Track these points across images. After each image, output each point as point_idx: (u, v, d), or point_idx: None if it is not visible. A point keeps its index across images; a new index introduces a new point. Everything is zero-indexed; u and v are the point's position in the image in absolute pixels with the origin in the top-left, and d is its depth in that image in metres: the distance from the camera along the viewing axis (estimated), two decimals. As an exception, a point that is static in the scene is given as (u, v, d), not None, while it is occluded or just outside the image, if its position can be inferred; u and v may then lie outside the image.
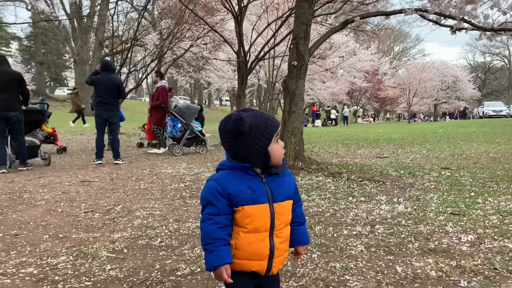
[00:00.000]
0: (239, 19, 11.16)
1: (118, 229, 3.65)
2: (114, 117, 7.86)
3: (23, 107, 6.94)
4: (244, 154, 1.57)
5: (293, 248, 1.78)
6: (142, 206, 4.50)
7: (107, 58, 17.35)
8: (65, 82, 55.16)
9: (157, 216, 4.07)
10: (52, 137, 8.86)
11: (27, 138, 7.06)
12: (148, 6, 17.19)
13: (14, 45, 50.47)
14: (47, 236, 3.47)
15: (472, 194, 4.95)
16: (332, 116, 36.71)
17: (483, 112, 36.71)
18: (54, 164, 7.70)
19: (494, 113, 34.51)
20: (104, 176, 6.45)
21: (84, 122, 18.87)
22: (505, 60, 65.27)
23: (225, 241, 1.54)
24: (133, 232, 3.53)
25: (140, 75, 20.80)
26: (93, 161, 7.82)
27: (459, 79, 47.36)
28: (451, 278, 2.54)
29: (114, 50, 16.64)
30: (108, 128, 7.89)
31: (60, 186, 5.64)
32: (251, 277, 1.62)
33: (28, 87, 7.04)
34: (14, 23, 30.82)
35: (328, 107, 38.89)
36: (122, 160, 7.97)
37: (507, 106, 40.25)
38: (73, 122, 19.03)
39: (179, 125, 9.63)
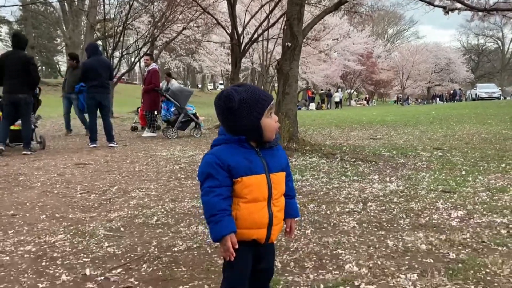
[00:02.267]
0: (232, 0, 11.06)
1: (114, 209, 3.69)
2: (106, 100, 7.87)
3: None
4: (237, 127, 1.63)
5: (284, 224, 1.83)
6: (137, 187, 4.54)
7: (98, 41, 17.14)
8: (57, 66, 54.53)
9: (153, 197, 4.12)
10: None
11: (19, 122, 7.02)
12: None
13: (4, 29, 49.62)
14: (44, 216, 3.51)
15: (463, 172, 5.03)
16: (336, 99, 36.64)
17: (476, 94, 36.86)
18: (49, 148, 7.69)
19: (487, 95, 34.66)
20: (98, 159, 6.47)
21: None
22: (498, 42, 65.28)
23: (229, 212, 1.60)
24: (129, 212, 3.58)
25: (132, 59, 20.67)
26: (88, 145, 7.83)
27: (452, 61, 47.41)
28: (440, 251, 2.62)
29: (106, 34, 16.48)
30: (100, 111, 7.85)
31: (55, 168, 5.65)
32: (250, 246, 1.68)
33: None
34: (3, 6, 30.24)
35: (322, 90, 38.87)
36: (117, 143, 7.98)
37: (500, 88, 40.44)
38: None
39: (173, 108, 9.61)
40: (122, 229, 3.14)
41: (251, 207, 1.63)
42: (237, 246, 1.58)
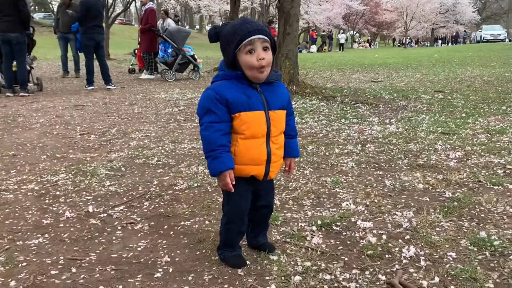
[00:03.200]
0: None
1: (115, 150, 3.71)
2: (103, 41, 7.72)
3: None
4: (225, 61, 1.63)
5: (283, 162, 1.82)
6: (137, 128, 4.54)
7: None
8: (50, 6, 52.73)
9: (153, 138, 4.13)
10: None
11: (14, 63, 6.90)
12: None
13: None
14: (44, 156, 3.53)
15: (463, 115, 5.02)
16: (342, 41, 35.82)
17: (481, 36, 35.97)
18: (46, 90, 7.61)
19: (492, 38, 33.82)
20: (97, 100, 6.43)
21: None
22: (508, -19, 62.73)
23: (228, 148, 1.60)
24: (129, 152, 3.60)
25: (127, -2, 19.95)
26: (85, 87, 7.74)
27: (458, 1, 45.74)
28: (437, 190, 2.66)
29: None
30: (96, 53, 7.68)
31: (53, 110, 5.63)
32: (249, 182, 1.69)
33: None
34: None
35: (324, 32, 37.90)
36: (114, 85, 7.89)
37: (506, 30, 39.42)
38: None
39: (170, 50, 9.40)
40: (123, 169, 3.18)
41: (249, 143, 1.62)
42: (234, 183, 1.60)
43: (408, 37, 45.81)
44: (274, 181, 2.32)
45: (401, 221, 2.20)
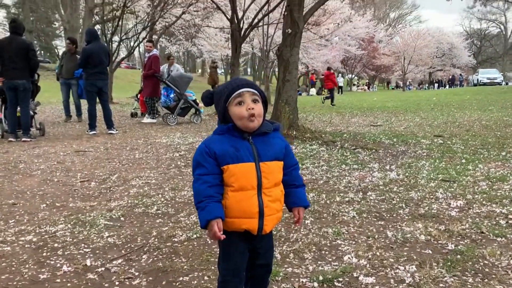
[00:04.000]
0: (232, -15, 10.91)
1: (114, 198, 3.70)
2: (106, 86, 7.91)
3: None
4: (218, 116, 1.71)
5: (291, 213, 1.80)
6: (137, 175, 4.54)
7: (96, 26, 16.98)
8: (56, 51, 54.12)
9: (153, 185, 4.12)
10: None
11: (18, 108, 7.01)
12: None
13: (1, 13, 49.14)
14: (44, 205, 3.52)
15: (463, 161, 5.03)
16: (340, 84, 36.43)
17: (477, 79, 36.64)
18: (48, 135, 7.68)
19: (489, 81, 34.44)
20: (98, 146, 6.47)
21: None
22: (501, 26, 64.63)
23: (216, 198, 1.60)
24: (129, 201, 3.59)
25: (132, 44, 20.50)
26: (87, 131, 7.81)
27: (454, 46, 46.96)
28: (439, 241, 2.63)
29: (105, 18, 16.31)
30: (99, 98, 7.82)
31: (55, 156, 5.65)
32: (244, 238, 1.67)
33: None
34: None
35: (322, 75, 38.62)
36: (116, 130, 7.96)
37: (502, 73, 40.19)
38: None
39: (173, 95, 9.57)
40: (122, 218, 3.15)
41: (239, 195, 1.62)
42: (222, 232, 1.57)
43: (409, 81, 46.65)
44: (274, 232, 2.30)
45: (404, 276, 2.16)
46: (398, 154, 5.59)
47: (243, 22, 11.99)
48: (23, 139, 6.85)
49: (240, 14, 11.83)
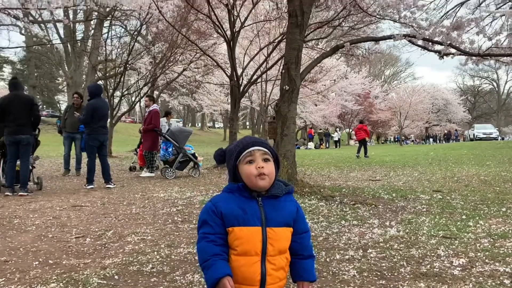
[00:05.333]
0: (231, 44, 11.34)
1: (109, 255, 3.61)
2: (106, 140, 7.98)
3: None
4: (228, 174, 1.68)
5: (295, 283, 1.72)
6: (133, 231, 4.47)
7: (99, 81, 17.41)
8: (58, 105, 55.10)
9: (149, 242, 4.04)
10: None
11: (18, 162, 7.03)
12: (141, 31, 17.38)
13: (7, 69, 50.54)
14: (37, 262, 3.43)
15: (464, 217, 4.98)
16: (335, 138, 36.83)
17: (473, 134, 37.16)
18: (46, 189, 7.63)
19: (485, 136, 34.94)
20: (95, 200, 6.41)
21: None
22: (494, 83, 66.50)
23: (222, 256, 1.55)
24: (124, 258, 3.50)
25: (133, 99, 20.92)
26: (85, 186, 7.77)
27: (449, 102, 48.09)
28: (443, 302, 2.54)
29: (107, 74, 16.77)
30: (98, 151, 7.85)
31: (51, 211, 5.58)
32: None
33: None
34: (8, 47, 30.96)
35: (321, 129, 39.14)
36: (114, 184, 7.93)
37: (497, 128, 40.80)
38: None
39: (171, 148, 9.64)
40: (116, 277, 3.06)
41: (241, 260, 1.56)
42: None
43: (410, 136, 47.06)
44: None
45: None
46: (398, 210, 5.54)
47: (242, 79, 12.33)
48: (20, 193, 6.80)
49: (239, 71, 12.20)
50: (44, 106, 54.21)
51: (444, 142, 45.73)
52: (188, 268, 3.24)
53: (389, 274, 3.07)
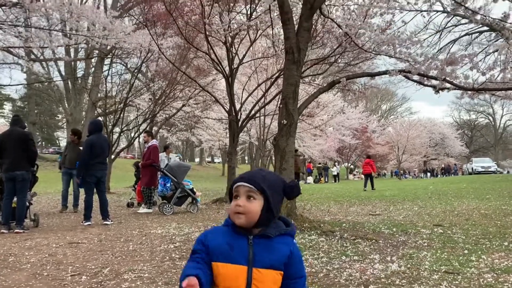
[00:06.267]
0: (230, 80, 11.53)
1: (105, 293, 3.53)
2: (105, 176, 7.92)
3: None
4: None
5: None
6: (130, 268, 4.38)
7: (99, 118, 17.54)
8: (57, 142, 55.28)
9: (146, 279, 3.96)
10: None
11: (14, 199, 6.97)
12: (141, 68, 17.68)
13: (8, 106, 51.01)
14: (30, 302, 3.34)
15: (466, 251, 4.91)
16: (334, 173, 36.74)
17: (472, 168, 37.20)
18: (42, 226, 7.54)
19: (483, 169, 34.97)
20: (92, 237, 6.32)
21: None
22: (490, 117, 67.15)
23: (201, 268, 1.50)
24: (120, 296, 3.42)
25: (132, 134, 21.01)
26: (82, 222, 7.68)
27: (446, 136, 48.43)
28: None
29: (107, 110, 16.92)
30: (97, 187, 7.80)
31: (47, 248, 5.49)
32: None
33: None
34: (9, 85, 31.39)
35: (319, 164, 39.16)
36: (112, 221, 7.84)
37: (495, 162, 40.91)
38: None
39: (170, 184, 9.60)
40: (112, 316, 2.98)
41: None
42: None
43: (411, 171, 46.95)
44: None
45: None
46: (399, 245, 5.46)
47: (241, 113, 12.45)
48: (16, 230, 6.71)
49: (237, 106, 12.33)
50: (43, 143, 54.41)
51: (441, 176, 45.59)
52: (186, 306, 3.16)
53: (392, 311, 3.00)
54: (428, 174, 49.00)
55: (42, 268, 4.42)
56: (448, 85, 6.91)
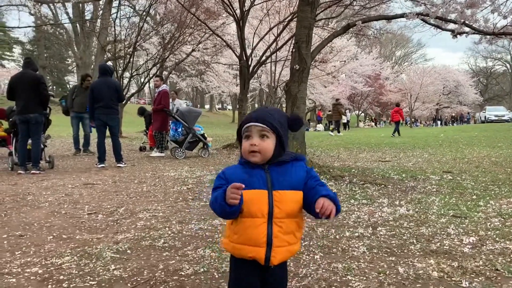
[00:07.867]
0: (241, 23, 11.23)
1: (121, 231, 3.67)
2: (113, 120, 7.81)
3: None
4: (240, 146, 1.73)
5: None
6: (145, 208, 4.52)
7: (108, 62, 17.39)
8: (67, 86, 55.33)
9: (160, 218, 4.10)
10: (4, 141, 8.51)
11: (29, 141, 7.10)
12: (150, 11, 17.25)
13: (17, 50, 50.70)
14: (51, 237, 3.50)
15: (474, 197, 4.96)
16: (344, 121, 36.57)
17: (485, 116, 36.71)
18: (57, 168, 7.73)
19: (496, 118, 34.51)
20: (106, 179, 6.48)
21: (339, 131, 20.90)
22: (507, 65, 65.28)
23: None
24: (136, 234, 3.56)
25: (142, 79, 20.91)
26: (96, 165, 7.85)
27: (461, 83, 47.37)
28: (452, 278, 2.56)
29: (116, 55, 16.72)
30: (109, 131, 7.88)
31: (63, 188, 5.67)
32: (254, 269, 1.63)
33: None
34: (17, 27, 31.00)
35: (329, 111, 38.91)
36: (125, 163, 8.00)
37: (509, 110, 40.23)
38: (333, 131, 21.12)
39: (181, 129, 9.66)
40: (129, 251, 3.12)
41: (247, 221, 1.60)
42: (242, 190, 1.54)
43: (419, 119, 46.43)
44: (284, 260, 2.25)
45: (417, 313, 2.09)
46: (408, 190, 5.53)
47: (252, 59, 12.23)
48: (32, 171, 6.90)
49: (248, 51, 12.08)
50: (54, 87, 54.50)
51: (452, 124, 45.06)
52: (200, 243, 3.28)
53: (399, 251, 3.08)
54: (438, 122, 48.48)
55: (59, 207, 4.58)
56: (467, 29, 6.67)
